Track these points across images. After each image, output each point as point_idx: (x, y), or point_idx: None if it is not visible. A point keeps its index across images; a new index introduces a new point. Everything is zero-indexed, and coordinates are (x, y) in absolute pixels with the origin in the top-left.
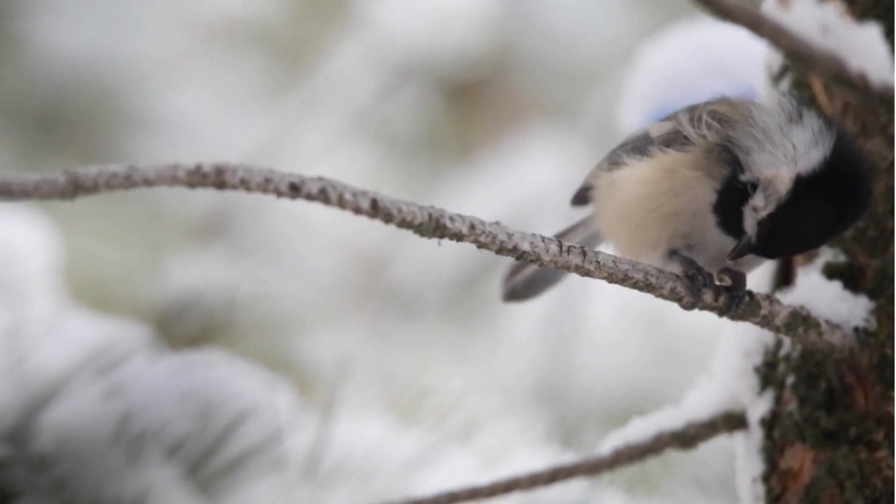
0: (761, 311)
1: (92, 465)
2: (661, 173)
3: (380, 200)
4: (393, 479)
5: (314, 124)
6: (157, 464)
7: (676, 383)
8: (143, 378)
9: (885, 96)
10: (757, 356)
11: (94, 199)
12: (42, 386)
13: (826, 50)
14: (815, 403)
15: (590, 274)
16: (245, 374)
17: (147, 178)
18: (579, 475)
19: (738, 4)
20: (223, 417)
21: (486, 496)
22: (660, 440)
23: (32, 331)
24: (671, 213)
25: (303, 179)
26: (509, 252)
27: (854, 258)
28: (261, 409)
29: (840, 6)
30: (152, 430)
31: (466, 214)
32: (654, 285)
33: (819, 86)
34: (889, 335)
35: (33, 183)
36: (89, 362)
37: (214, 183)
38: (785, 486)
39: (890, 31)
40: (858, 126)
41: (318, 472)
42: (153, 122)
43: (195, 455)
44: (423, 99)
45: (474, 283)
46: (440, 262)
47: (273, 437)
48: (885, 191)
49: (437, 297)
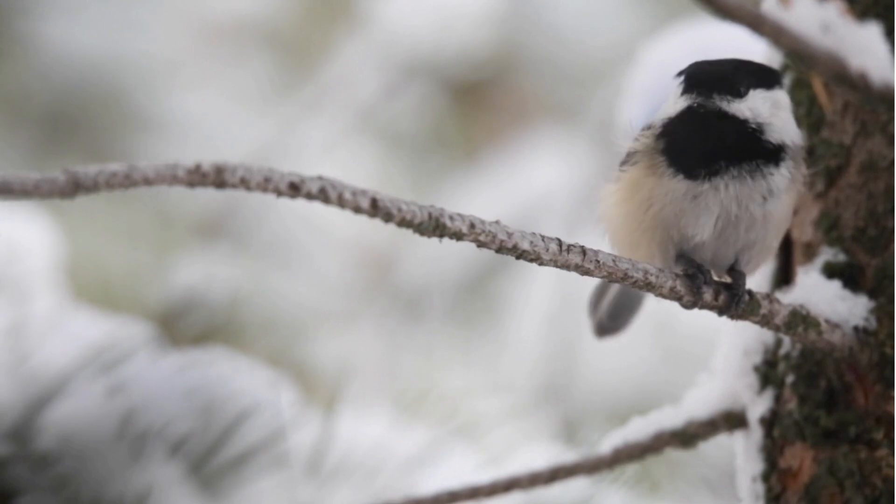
0: (761, 310)
1: (94, 463)
2: (629, 190)
3: (379, 200)
4: (395, 477)
5: (319, 123)
6: (160, 462)
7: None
8: (145, 376)
9: (885, 95)
10: (757, 355)
11: (98, 197)
12: (45, 384)
13: (826, 49)
14: (815, 402)
15: (590, 273)
16: (248, 372)
17: (147, 177)
18: (579, 474)
19: (738, 4)
20: (226, 415)
21: (486, 495)
22: (660, 439)
23: (35, 329)
24: (653, 226)
25: (302, 179)
26: (509, 251)
27: (854, 257)
28: (263, 407)
29: (840, 5)
30: (155, 427)
31: (466, 214)
32: (653, 284)
33: (819, 84)
34: (889, 334)
35: (33, 182)
36: (92, 360)
37: (214, 182)
38: (785, 484)
39: (890, 30)
40: (858, 125)
41: (321, 469)
42: (159, 121)
43: (198, 453)
44: (428, 98)
45: (480, 283)
46: (445, 262)
47: (276, 434)
48: (885, 190)
49: (443, 297)
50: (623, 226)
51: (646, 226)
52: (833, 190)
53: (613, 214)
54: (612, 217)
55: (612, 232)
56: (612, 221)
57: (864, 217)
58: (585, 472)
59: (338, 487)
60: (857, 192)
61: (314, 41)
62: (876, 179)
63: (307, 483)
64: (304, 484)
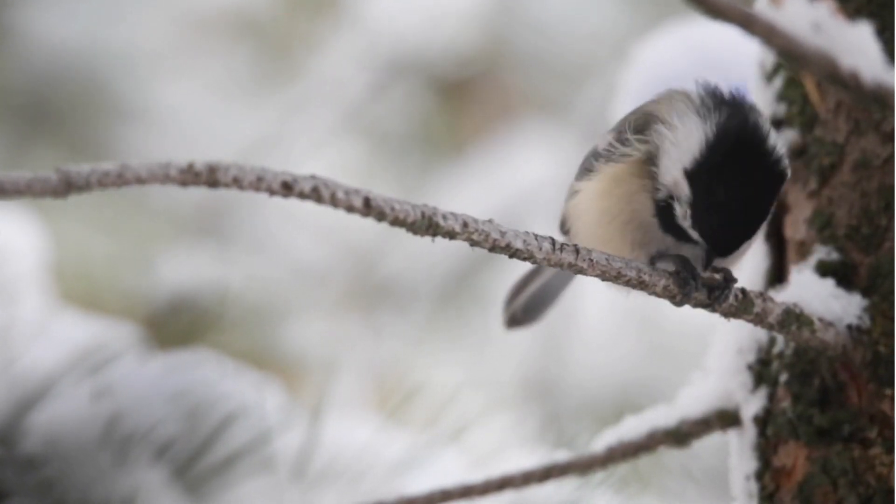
0: (755, 308)
1: (80, 466)
2: (609, 185)
3: (372, 199)
4: (383, 478)
5: (305, 120)
6: (146, 465)
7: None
8: (131, 379)
9: (877, 94)
10: (750, 354)
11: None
12: (31, 387)
13: (818, 48)
14: (809, 401)
15: (583, 272)
16: (234, 374)
17: (139, 176)
18: (573, 473)
19: (729, 3)
20: (212, 418)
21: (479, 494)
22: (653, 438)
23: (21, 331)
24: (627, 221)
25: (295, 178)
26: (502, 250)
27: (847, 255)
28: (250, 410)
29: (832, 5)
30: (141, 431)
31: (459, 212)
32: (647, 283)
33: (811, 84)
34: (883, 332)
35: (25, 181)
36: (78, 363)
37: (207, 181)
38: (778, 483)
39: (882, 29)
40: (851, 124)
41: (308, 472)
42: (143, 114)
43: (184, 456)
44: (415, 95)
45: (466, 278)
46: (432, 257)
47: (262, 437)
48: (879, 188)
49: (429, 293)
50: (598, 221)
51: (621, 222)
52: (826, 188)
53: (587, 207)
54: (585, 209)
55: (584, 224)
56: (586, 214)
57: (857, 215)
58: (579, 470)
59: (324, 491)
60: (850, 190)
61: (300, 36)
62: (869, 178)
63: (294, 486)
64: (291, 487)
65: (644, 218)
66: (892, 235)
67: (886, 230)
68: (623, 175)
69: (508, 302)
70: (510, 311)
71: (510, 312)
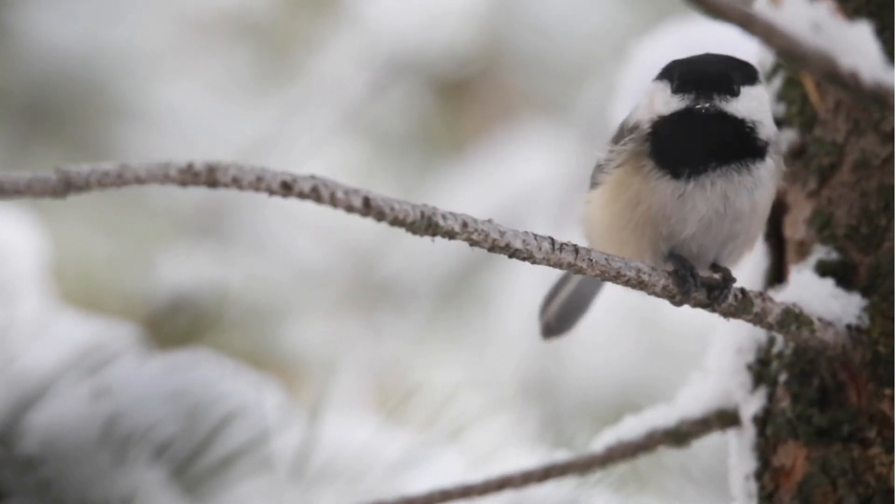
0: (754, 308)
1: (79, 466)
2: (615, 191)
3: (372, 199)
4: (382, 478)
5: (305, 120)
6: (144, 465)
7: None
8: (130, 379)
9: (876, 94)
10: (750, 354)
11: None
12: (30, 387)
13: (817, 48)
14: (808, 401)
15: (582, 271)
16: (233, 374)
17: (139, 176)
18: (572, 473)
19: (729, 3)
20: (211, 418)
21: (478, 494)
22: (653, 438)
23: (21, 331)
24: (641, 223)
25: (295, 178)
26: (502, 250)
27: (847, 255)
28: (248, 410)
29: (831, 4)
30: (140, 431)
31: (458, 212)
32: (646, 283)
33: (811, 83)
34: (882, 332)
35: (25, 181)
36: (77, 363)
37: (206, 181)
38: (778, 483)
39: (881, 29)
40: (851, 124)
41: (307, 472)
42: (142, 114)
43: (182, 456)
44: (414, 95)
45: (466, 278)
46: (431, 256)
47: (261, 437)
48: (878, 188)
49: (429, 293)
50: (610, 226)
51: (634, 224)
52: (826, 188)
53: (600, 216)
54: (598, 218)
55: (599, 233)
56: (599, 222)
57: (856, 215)
58: (578, 470)
59: (323, 491)
60: (849, 190)
61: (299, 35)
62: (869, 177)
63: (292, 486)
64: (290, 487)
65: (654, 210)
66: (891, 235)
67: (886, 230)
68: (624, 177)
69: (542, 311)
70: (545, 321)
71: (545, 322)
